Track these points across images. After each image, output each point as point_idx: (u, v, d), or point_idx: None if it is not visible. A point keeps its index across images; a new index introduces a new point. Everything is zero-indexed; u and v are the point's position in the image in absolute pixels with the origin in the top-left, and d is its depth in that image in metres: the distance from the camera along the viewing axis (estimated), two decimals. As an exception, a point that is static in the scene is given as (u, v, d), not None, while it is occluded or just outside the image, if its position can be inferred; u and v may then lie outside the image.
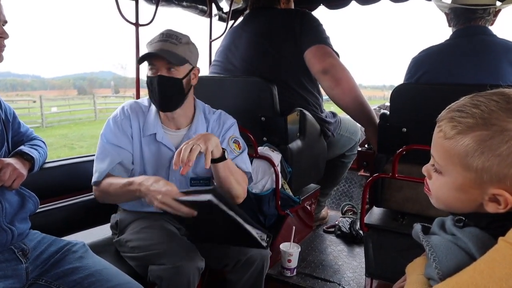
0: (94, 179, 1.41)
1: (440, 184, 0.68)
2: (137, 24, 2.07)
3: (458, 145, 0.62)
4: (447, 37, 1.68)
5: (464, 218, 0.71)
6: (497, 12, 1.62)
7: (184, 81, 1.39)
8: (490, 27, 1.62)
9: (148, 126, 1.44)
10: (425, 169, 0.72)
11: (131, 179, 1.31)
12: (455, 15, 1.65)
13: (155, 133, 1.43)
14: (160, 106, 1.41)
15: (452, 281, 0.60)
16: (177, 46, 1.36)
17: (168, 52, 1.34)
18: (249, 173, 1.51)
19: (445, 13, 1.73)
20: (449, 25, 1.72)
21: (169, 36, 1.37)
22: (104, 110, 18.78)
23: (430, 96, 1.48)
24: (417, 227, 0.76)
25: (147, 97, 1.50)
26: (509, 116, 0.59)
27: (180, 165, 1.20)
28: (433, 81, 1.60)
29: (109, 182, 1.37)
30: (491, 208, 0.62)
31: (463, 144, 0.61)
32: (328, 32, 1.92)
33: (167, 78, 1.36)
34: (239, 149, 1.50)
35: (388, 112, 1.61)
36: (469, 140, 0.60)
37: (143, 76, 1.48)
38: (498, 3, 1.64)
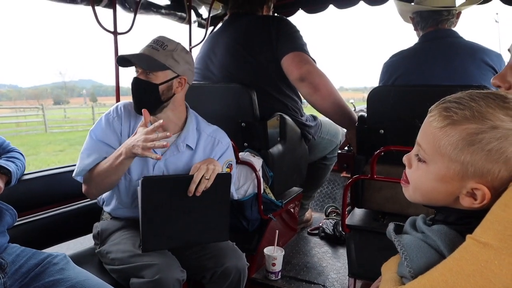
0: (74, 173, 1.43)
1: (421, 173, 0.69)
2: (115, 33, 2.06)
3: (450, 135, 0.62)
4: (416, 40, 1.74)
5: (434, 214, 0.74)
6: (458, 14, 1.69)
7: (162, 87, 1.38)
8: (454, 29, 1.68)
9: (138, 126, 1.44)
10: (407, 157, 0.73)
11: (111, 154, 1.36)
12: (422, 18, 1.70)
13: None
14: (135, 108, 1.42)
15: (424, 279, 0.62)
16: (158, 52, 1.37)
17: (146, 57, 1.35)
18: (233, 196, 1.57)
19: (410, 18, 1.78)
20: (415, 29, 1.77)
21: (154, 42, 1.39)
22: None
23: (405, 98, 1.52)
24: (390, 226, 0.78)
25: None
26: (504, 114, 0.60)
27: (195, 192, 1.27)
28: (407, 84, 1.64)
29: (93, 170, 1.40)
30: (466, 202, 0.64)
31: (455, 135, 0.62)
32: (308, 36, 1.95)
33: (141, 81, 1.37)
34: (230, 171, 1.52)
35: (366, 114, 1.64)
36: (461, 131, 0.61)
37: (123, 84, 1.49)
38: (458, 4, 1.70)
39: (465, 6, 1.70)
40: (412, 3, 1.78)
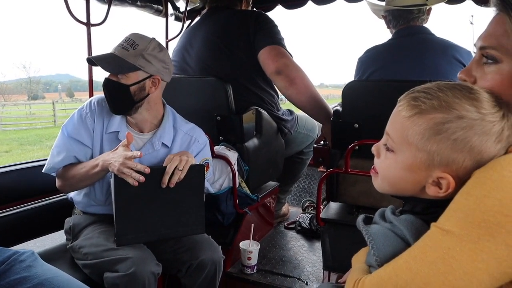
0: (44, 169, 1.43)
1: (389, 163, 0.70)
2: (88, 24, 2.01)
3: (417, 124, 0.64)
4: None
5: (402, 205, 0.75)
6: (429, 11, 1.72)
7: (133, 88, 1.35)
8: (426, 25, 1.71)
9: (112, 123, 1.42)
10: (375, 147, 0.74)
11: (89, 161, 1.37)
12: (393, 16, 1.74)
13: (118, 132, 1.41)
14: (109, 108, 1.40)
15: (389, 267, 0.63)
16: (128, 53, 1.34)
17: (115, 58, 1.33)
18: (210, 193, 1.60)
19: (383, 16, 1.81)
20: (388, 27, 1.80)
21: (125, 41, 1.36)
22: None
23: (379, 92, 1.54)
24: (360, 217, 0.79)
25: None
26: (470, 104, 0.62)
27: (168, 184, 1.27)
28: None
29: (68, 169, 1.40)
30: (432, 191, 0.65)
31: (422, 124, 0.63)
32: (288, 33, 1.95)
33: (111, 82, 1.35)
34: (207, 170, 1.52)
35: (341, 109, 1.66)
36: (429, 121, 0.63)
37: (99, 78, 1.46)
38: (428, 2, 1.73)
39: (436, 2, 1.73)
40: (383, 3, 1.81)
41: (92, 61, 1.35)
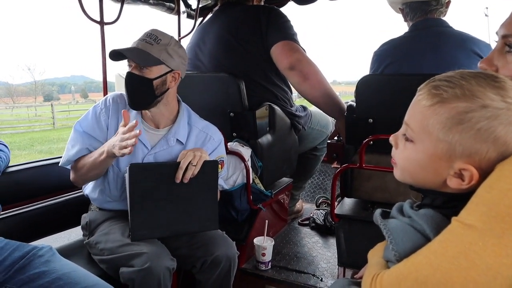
0: (61, 163, 1.45)
1: (408, 153, 0.68)
2: (102, 23, 2.02)
3: (438, 113, 0.62)
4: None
5: (421, 199, 0.73)
6: (447, 4, 1.68)
7: (156, 82, 1.36)
8: (444, 19, 1.67)
9: (119, 126, 1.43)
10: (393, 137, 0.72)
11: (96, 150, 1.39)
12: (411, 9, 1.70)
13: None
14: (129, 103, 1.40)
15: (408, 262, 0.62)
16: (152, 47, 1.35)
17: (140, 51, 1.34)
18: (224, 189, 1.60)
19: (400, 9, 1.78)
20: (405, 20, 1.77)
21: (148, 36, 1.37)
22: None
23: (393, 86, 1.52)
24: (377, 212, 0.78)
25: None
26: (495, 93, 0.60)
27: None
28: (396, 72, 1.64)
29: (79, 160, 1.41)
30: (454, 183, 0.63)
31: (444, 113, 0.61)
32: (301, 29, 1.94)
33: (135, 76, 1.35)
34: (222, 168, 1.52)
35: (355, 104, 1.64)
36: (451, 110, 0.61)
37: (112, 78, 1.47)
38: None
39: None
40: None
41: (115, 56, 1.36)
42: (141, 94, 1.37)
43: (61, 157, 1.51)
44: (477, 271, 0.54)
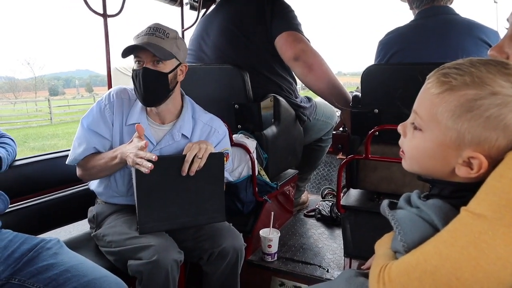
0: (68, 161, 1.45)
1: (417, 142, 0.68)
2: (105, 15, 2.01)
3: (447, 101, 0.61)
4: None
5: (429, 189, 0.73)
6: None
7: (170, 76, 1.37)
8: (451, 6, 1.65)
9: (132, 115, 1.43)
10: (402, 126, 0.72)
11: (107, 152, 1.39)
12: None
13: (139, 123, 1.41)
14: (144, 100, 1.39)
15: (417, 252, 0.62)
16: (164, 41, 1.34)
17: (155, 45, 1.32)
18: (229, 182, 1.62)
19: None
20: (411, 8, 1.74)
21: (156, 30, 1.35)
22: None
23: (399, 76, 1.50)
24: (384, 202, 0.78)
25: None
26: (505, 80, 0.59)
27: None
28: (402, 62, 1.62)
29: (88, 159, 1.42)
30: (462, 172, 0.63)
31: (453, 101, 0.61)
32: (304, 20, 1.92)
33: (152, 71, 1.34)
34: (226, 161, 1.52)
35: (360, 94, 1.63)
36: (460, 97, 0.60)
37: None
38: None
39: None
40: None
41: (128, 51, 1.33)
42: (157, 89, 1.36)
43: (67, 150, 1.52)
44: (487, 261, 0.54)
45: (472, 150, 0.61)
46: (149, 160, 1.22)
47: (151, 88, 1.35)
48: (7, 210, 1.32)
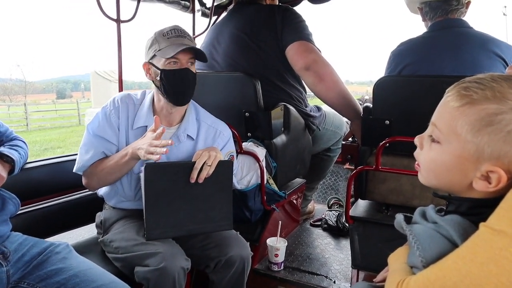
0: (75, 169, 1.44)
1: (434, 154, 0.68)
2: (118, 21, 2.03)
3: (467, 114, 0.61)
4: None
5: (445, 206, 0.72)
6: (468, 4, 1.66)
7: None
8: (464, 19, 1.65)
9: (139, 118, 1.44)
10: (419, 138, 0.72)
11: (117, 153, 1.40)
12: (431, 8, 1.67)
13: (146, 126, 1.42)
14: (177, 100, 1.41)
15: (436, 268, 0.61)
16: (192, 43, 1.41)
17: (195, 48, 1.39)
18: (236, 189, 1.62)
19: (418, 8, 1.75)
20: (424, 20, 1.74)
21: (182, 32, 1.40)
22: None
23: (412, 88, 1.50)
24: (400, 217, 0.77)
25: (141, 91, 1.52)
26: None
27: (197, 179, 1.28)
28: (414, 74, 1.62)
29: (96, 164, 1.41)
30: (480, 186, 0.62)
31: (473, 115, 0.61)
32: (313, 28, 1.93)
33: (191, 72, 1.40)
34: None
35: (371, 105, 1.62)
36: (480, 111, 0.60)
37: (126, 77, 1.47)
38: None
39: None
40: None
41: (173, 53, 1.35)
42: (191, 89, 1.42)
43: (75, 154, 1.52)
44: (508, 277, 0.53)
45: (491, 164, 0.61)
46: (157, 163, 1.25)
47: (188, 88, 1.41)
48: (17, 213, 1.32)
